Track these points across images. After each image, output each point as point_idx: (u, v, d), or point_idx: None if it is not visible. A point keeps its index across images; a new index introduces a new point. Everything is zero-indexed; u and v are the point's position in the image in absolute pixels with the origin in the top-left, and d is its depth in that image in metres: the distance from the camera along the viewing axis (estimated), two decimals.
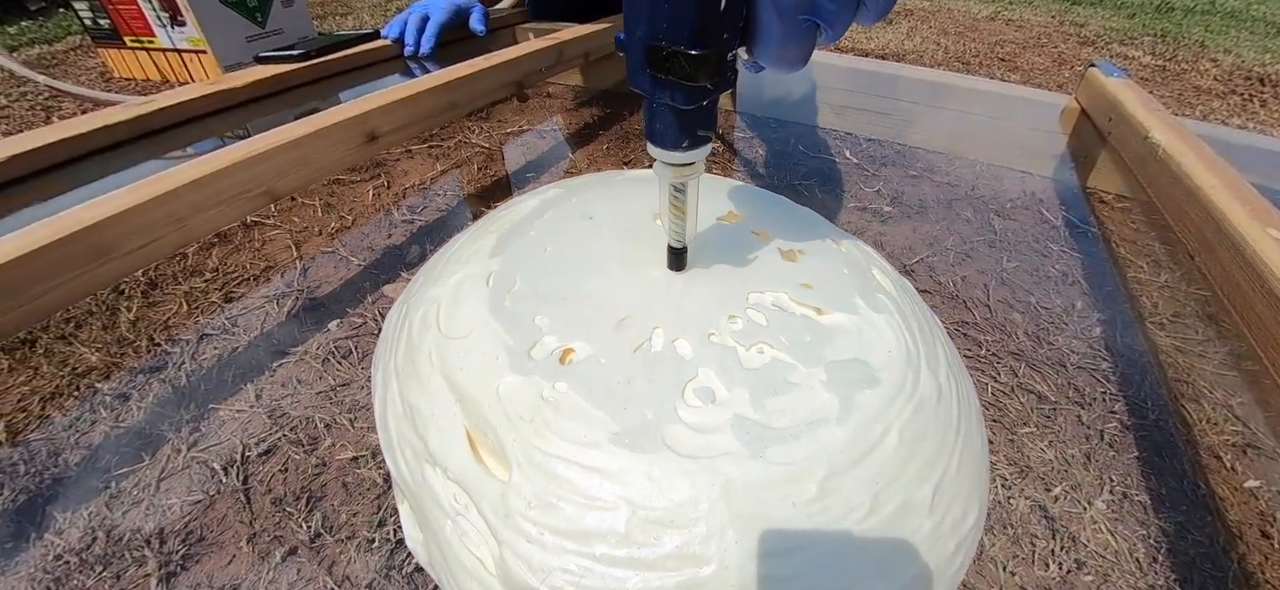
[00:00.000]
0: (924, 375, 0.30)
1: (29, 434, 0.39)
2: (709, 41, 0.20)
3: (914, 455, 0.26)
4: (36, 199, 0.42)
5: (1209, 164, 0.39)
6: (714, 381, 0.27)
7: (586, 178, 0.46)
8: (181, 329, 0.47)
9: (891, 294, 0.35)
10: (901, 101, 0.79)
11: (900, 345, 0.30)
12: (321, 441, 0.37)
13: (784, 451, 0.24)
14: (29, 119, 1.04)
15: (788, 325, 0.30)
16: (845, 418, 0.26)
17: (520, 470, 0.25)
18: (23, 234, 0.28)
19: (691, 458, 0.24)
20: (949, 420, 0.29)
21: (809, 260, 0.35)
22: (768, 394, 0.26)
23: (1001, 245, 0.59)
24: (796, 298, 0.31)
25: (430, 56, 0.72)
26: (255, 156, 0.35)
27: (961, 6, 2.08)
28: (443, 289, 0.34)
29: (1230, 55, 1.70)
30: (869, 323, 0.31)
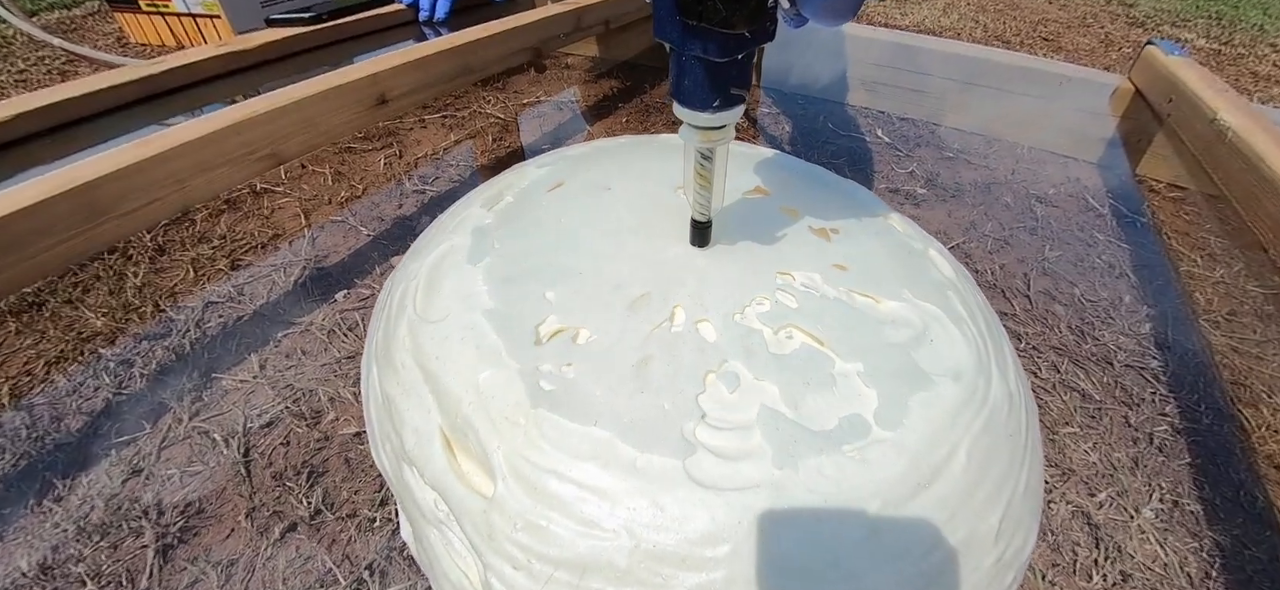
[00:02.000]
0: (995, 380, 0.27)
1: (32, 396, 0.38)
2: None
3: (984, 478, 0.24)
4: (44, 159, 0.42)
5: (1269, 140, 0.36)
6: (740, 368, 0.25)
7: (603, 143, 0.44)
8: (187, 296, 0.46)
9: (952, 282, 0.32)
10: (937, 79, 0.76)
11: (968, 343, 0.28)
12: (325, 415, 0.37)
13: (823, 465, 0.22)
14: (46, 83, 1.04)
15: (822, 310, 0.28)
16: (898, 426, 0.23)
17: (505, 484, 0.22)
18: (19, 189, 0.27)
19: (713, 488, 0.21)
20: (1018, 433, 0.27)
21: (847, 239, 0.33)
22: (802, 387, 0.24)
23: (1043, 233, 0.56)
24: (830, 279, 0.29)
25: (445, 22, 0.70)
26: (259, 116, 0.34)
27: None
28: (422, 263, 0.32)
29: None
30: (923, 313, 0.29)
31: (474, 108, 0.73)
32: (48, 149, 0.42)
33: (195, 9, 1.03)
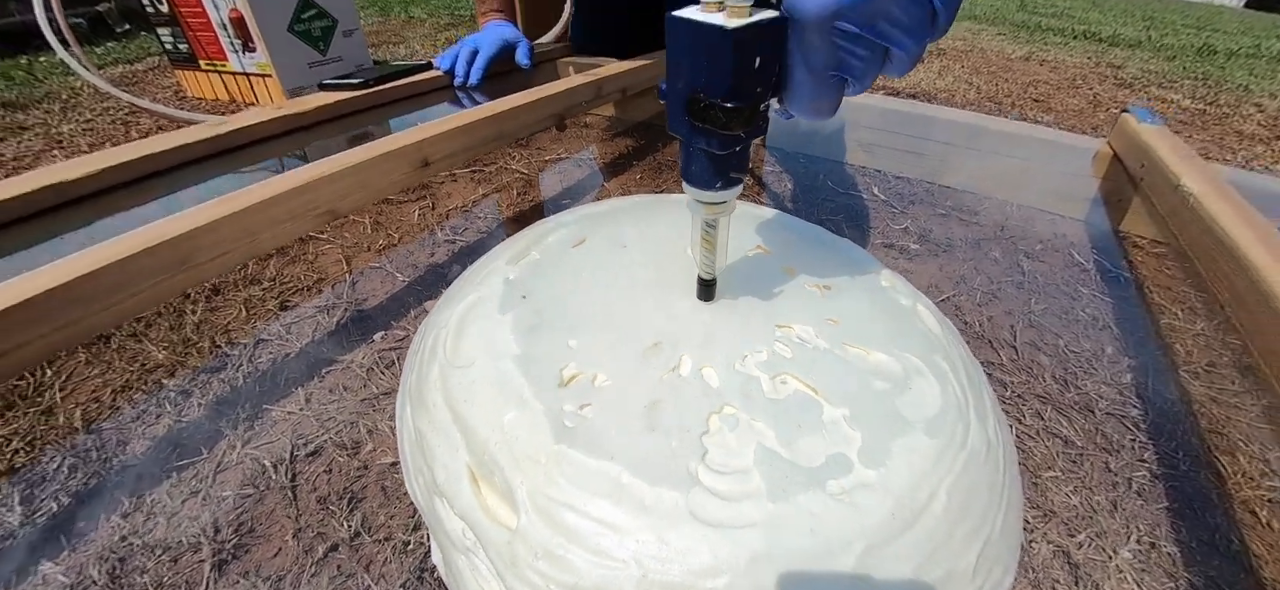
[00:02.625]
0: (974, 427, 0.29)
1: (101, 422, 0.41)
2: (744, 96, 0.22)
3: (962, 519, 0.26)
4: (129, 205, 0.46)
5: (1241, 214, 0.38)
6: (739, 411, 0.27)
7: (621, 202, 0.47)
8: (240, 334, 0.49)
9: (937, 335, 0.35)
10: (931, 141, 0.79)
11: (949, 392, 0.30)
12: (364, 446, 0.39)
13: (812, 503, 0.24)
14: (111, 132, 1.11)
15: (815, 360, 0.30)
16: (879, 466, 0.25)
17: (528, 517, 0.25)
18: (118, 242, 0.31)
19: (714, 524, 0.23)
20: (996, 477, 0.29)
21: (840, 295, 0.36)
22: (794, 430, 0.27)
23: (1030, 287, 0.59)
24: (823, 332, 0.32)
25: (478, 88, 0.76)
26: (321, 179, 0.38)
27: (995, 46, 2.07)
28: (453, 312, 0.35)
29: (1276, 100, 1.65)
30: (907, 364, 0.31)
31: (501, 164, 0.78)
32: (134, 196, 0.47)
33: (249, 68, 1.10)
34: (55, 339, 0.29)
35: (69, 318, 0.29)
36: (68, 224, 0.44)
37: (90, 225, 0.44)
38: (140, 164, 0.45)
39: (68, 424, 0.41)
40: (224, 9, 1.03)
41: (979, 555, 0.26)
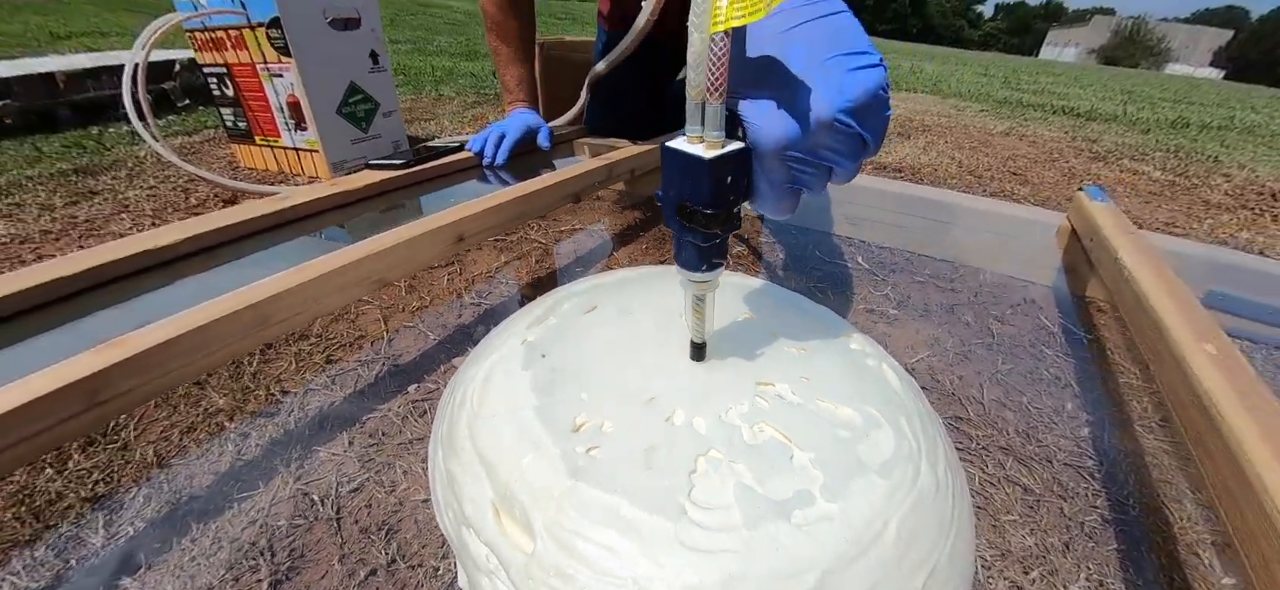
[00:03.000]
0: (924, 470, 0.33)
1: (170, 458, 0.46)
2: (720, 205, 0.27)
3: (910, 549, 0.29)
4: (210, 266, 0.53)
5: (1164, 281, 0.43)
6: (722, 454, 0.32)
7: (627, 273, 0.53)
8: (292, 384, 0.55)
9: (897, 390, 0.39)
10: (912, 215, 0.85)
11: (902, 441, 0.34)
12: (400, 485, 0.44)
13: (780, 531, 0.28)
14: (172, 198, 1.20)
15: (767, 408, 0.35)
16: (840, 502, 0.29)
17: (542, 542, 0.29)
18: (212, 305, 0.37)
19: (698, 549, 0.27)
20: (944, 513, 0.33)
21: (815, 356, 0.40)
22: (768, 470, 0.31)
23: (998, 348, 0.63)
24: (794, 391, 0.37)
25: (504, 167, 0.83)
26: (376, 253, 0.44)
27: (977, 122, 2.16)
28: (480, 369, 0.41)
29: (1244, 170, 1.71)
30: (867, 416, 0.35)
31: (521, 234, 0.85)
32: (215, 259, 0.53)
33: (299, 144, 1.20)
34: (156, 385, 0.34)
35: (170, 368, 0.35)
36: (156, 282, 0.50)
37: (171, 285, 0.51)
38: (222, 232, 0.52)
39: (142, 459, 0.46)
40: (283, 94, 1.13)
41: (925, 582, 0.29)
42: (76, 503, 0.42)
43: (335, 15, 1.14)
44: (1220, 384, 0.33)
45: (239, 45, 1.14)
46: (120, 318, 0.44)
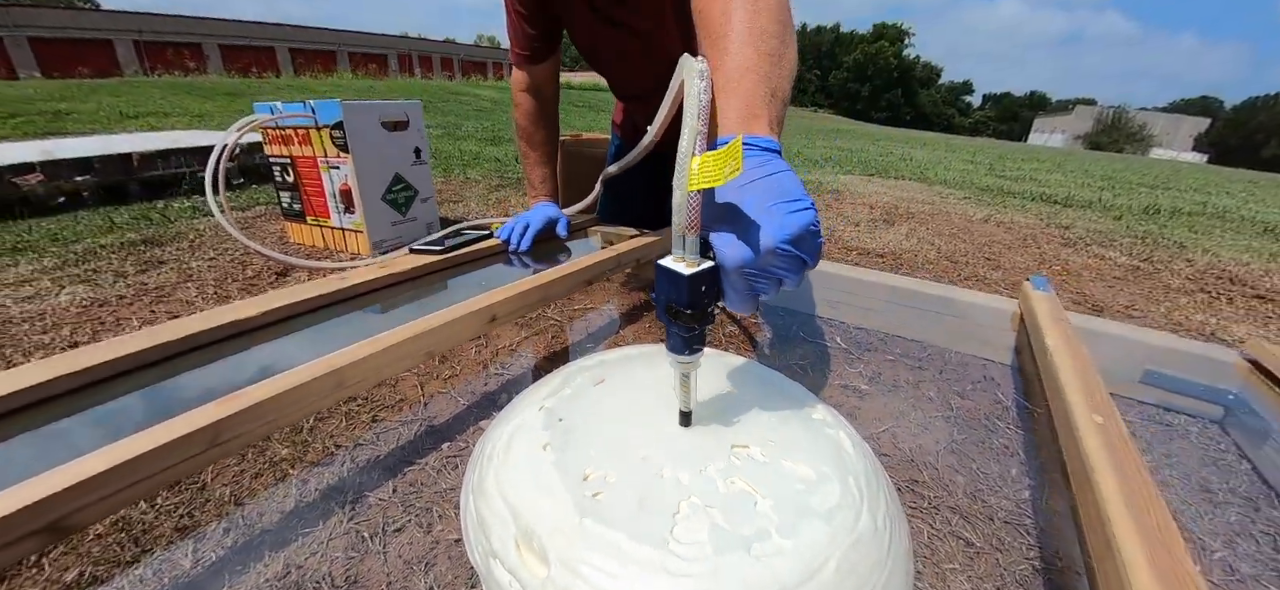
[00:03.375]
0: (865, 517, 0.41)
1: (243, 500, 0.54)
2: (697, 306, 0.36)
3: (848, 578, 0.36)
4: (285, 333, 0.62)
5: (1077, 361, 0.51)
6: (699, 501, 0.39)
7: (630, 350, 0.62)
8: (343, 439, 0.63)
9: (849, 452, 0.47)
10: (884, 302, 0.94)
11: (847, 492, 0.42)
12: (435, 526, 0.51)
13: (742, 561, 0.35)
14: (229, 269, 1.32)
15: (739, 465, 0.42)
16: (792, 540, 0.37)
17: (556, 568, 0.36)
18: (301, 370, 0.46)
19: (679, 574, 0.34)
20: (881, 554, 0.39)
21: (782, 426, 0.48)
22: (736, 512, 0.38)
23: (955, 420, 0.70)
24: (761, 450, 0.44)
25: (526, 253, 0.94)
26: (427, 330, 0.53)
27: (959, 209, 2.29)
28: (506, 429, 0.49)
29: (1207, 255, 1.79)
30: (820, 472, 0.43)
31: (539, 313, 0.94)
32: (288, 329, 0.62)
33: (345, 225, 1.33)
34: (261, 431, 0.43)
35: (271, 418, 0.43)
36: (237, 349, 0.59)
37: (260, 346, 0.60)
38: (298, 305, 0.62)
39: (219, 499, 0.54)
40: (338, 183, 1.27)
41: None
42: (168, 532, 0.49)
43: (388, 119, 1.29)
44: (1097, 447, 0.40)
45: (304, 141, 1.29)
46: (226, 372, 0.53)
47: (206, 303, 1.07)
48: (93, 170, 1.98)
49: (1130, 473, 0.38)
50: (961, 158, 5.98)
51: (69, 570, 0.45)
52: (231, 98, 6.56)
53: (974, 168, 4.66)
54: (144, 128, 4.27)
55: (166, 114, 5.27)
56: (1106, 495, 0.36)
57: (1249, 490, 0.60)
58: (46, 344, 0.89)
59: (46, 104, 5.25)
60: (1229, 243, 2.05)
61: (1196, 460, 0.65)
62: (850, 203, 2.28)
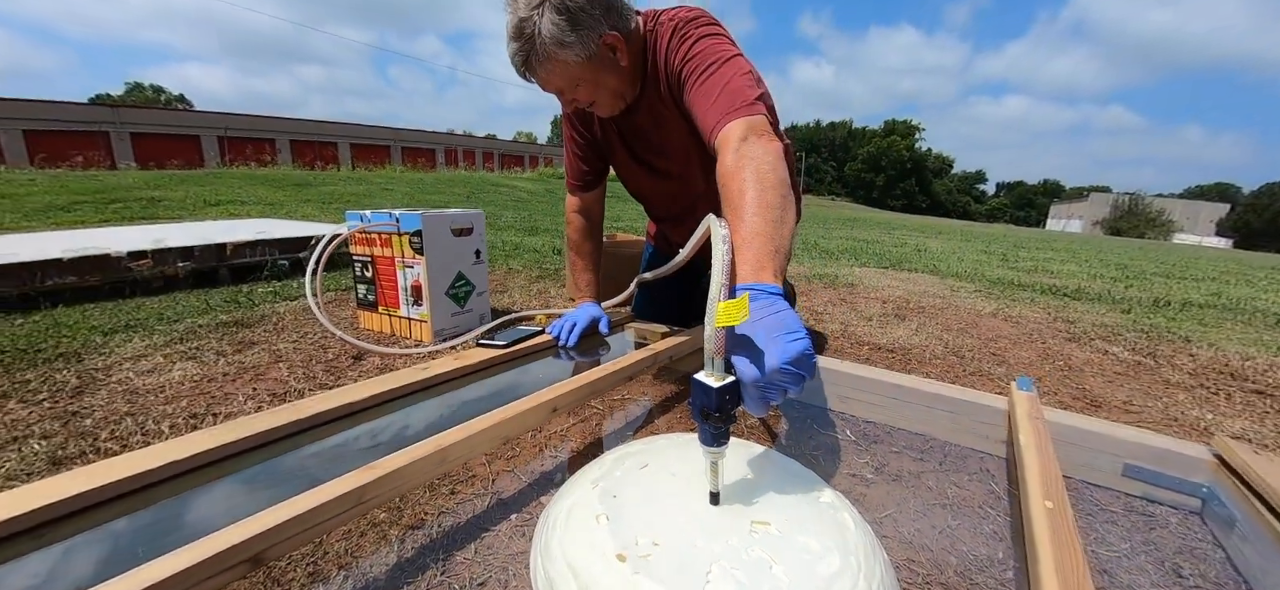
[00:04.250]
0: (861, 582, 0.50)
1: (356, 556, 0.65)
2: (723, 410, 0.49)
3: None
4: (388, 413, 0.75)
5: (1042, 454, 0.60)
6: (726, 565, 0.49)
7: (670, 438, 0.73)
8: (428, 509, 0.74)
9: (851, 529, 0.56)
10: (889, 399, 1.03)
11: (846, 563, 0.51)
12: (511, 583, 0.61)
13: None
14: (312, 352, 1.48)
15: (758, 538, 0.52)
16: None
17: None
18: (407, 452, 0.58)
19: None
20: None
21: (795, 506, 0.58)
22: (756, 575, 0.48)
23: (951, 507, 0.77)
24: (777, 526, 0.54)
25: (573, 348, 1.08)
26: (506, 419, 0.66)
27: (969, 303, 2.37)
28: (565, 503, 0.60)
29: (1212, 349, 1.81)
30: (826, 546, 0.53)
31: (589, 404, 1.07)
32: (379, 414, 0.76)
33: (412, 315, 1.50)
34: (388, 495, 0.55)
35: (397, 486, 0.55)
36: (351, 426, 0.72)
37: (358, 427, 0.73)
38: (392, 392, 0.76)
39: (336, 553, 0.65)
40: (410, 279, 1.45)
41: None
42: (300, 578, 0.61)
43: (456, 227, 1.49)
44: (1042, 528, 0.49)
45: (386, 244, 1.49)
46: (344, 444, 0.66)
47: (297, 381, 1.22)
48: (192, 257, 2.25)
49: (1066, 545, 0.47)
50: (976, 247, 6.07)
51: None
52: (299, 187, 7.17)
53: (988, 258, 4.75)
54: (224, 214, 4.71)
55: (243, 203, 5.78)
56: (1042, 562, 0.45)
57: (1219, 576, 0.66)
58: (170, 413, 1.04)
59: (143, 192, 5.84)
60: (1237, 336, 2.07)
61: (1173, 547, 0.71)
62: (864, 297, 2.39)
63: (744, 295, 0.49)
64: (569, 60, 0.86)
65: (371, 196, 6.97)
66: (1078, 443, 0.84)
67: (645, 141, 1.05)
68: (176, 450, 0.58)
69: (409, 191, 7.92)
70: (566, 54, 0.85)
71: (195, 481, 0.59)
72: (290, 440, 0.68)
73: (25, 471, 0.82)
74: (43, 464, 0.85)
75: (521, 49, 0.86)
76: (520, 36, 0.85)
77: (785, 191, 0.65)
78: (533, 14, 0.83)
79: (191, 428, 0.98)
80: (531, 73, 0.89)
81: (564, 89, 0.93)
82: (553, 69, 0.88)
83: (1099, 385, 1.38)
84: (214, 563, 0.43)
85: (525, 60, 0.87)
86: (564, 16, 0.82)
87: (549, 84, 0.92)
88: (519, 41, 0.86)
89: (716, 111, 0.77)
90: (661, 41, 0.89)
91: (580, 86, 0.92)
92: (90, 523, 0.50)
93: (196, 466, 0.58)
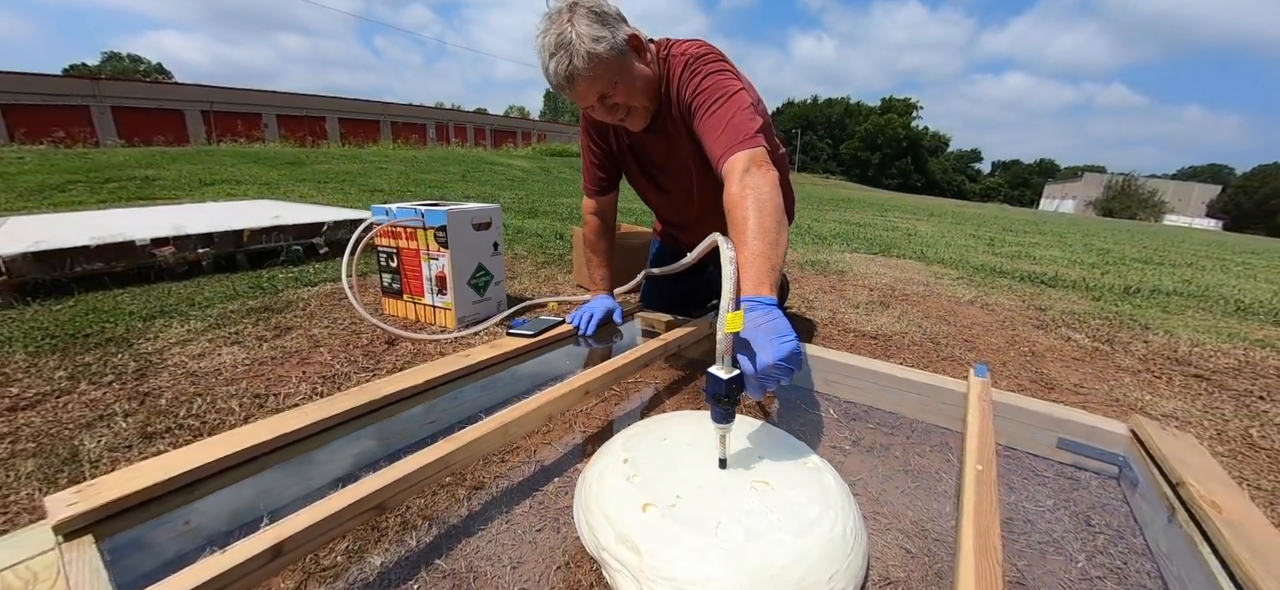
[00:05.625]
0: (836, 527, 0.67)
1: (439, 512, 0.80)
2: (730, 396, 0.65)
3: (826, 563, 0.63)
4: (444, 395, 0.90)
5: (983, 428, 0.77)
6: (733, 514, 0.66)
7: (687, 414, 0.89)
8: (486, 474, 0.90)
9: (831, 486, 0.73)
10: (869, 382, 1.20)
11: (825, 512, 0.68)
12: (563, 528, 0.77)
13: (759, 548, 0.62)
14: (347, 337, 1.62)
15: (759, 492, 0.69)
16: (792, 538, 0.63)
17: (645, 556, 0.63)
18: (468, 431, 0.74)
19: (723, 549, 0.61)
20: (847, 550, 0.66)
21: (787, 470, 0.75)
22: (756, 521, 0.65)
23: (913, 473, 0.95)
24: (773, 485, 0.71)
25: (591, 336, 1.23)
26: (550, 400, 0.81)
27: (950, 291, 2.55)
28: (597, 468, 0.76)
29: (1167, 336, 2.00)
30: (811, 498, 0.69)
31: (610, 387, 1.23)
32: (423, 400, 0.91)
33: (437, 303, 1.64)
34: (470, 461, 0.71)
35: (475, 453, 0.71)
36: (416, 404, 0.88)
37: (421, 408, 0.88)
38: (445, 376, 0.91)
39: (429, 507, 0.80)
40: (435, 271, 1.60)
41: (831, 577, 0.62)
42: (414, 518, 0.76)
43: (477, 221, 1.63)
44: (970, 487, 0.65)
45: (411, 237, 1.62)
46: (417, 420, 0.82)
47: (341, 365, 1.36)
48: (212, 243, 2.36)
49: (986, 497, 0.64)
50: (965, 231, 6.26)
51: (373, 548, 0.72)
52: (293, 166, 7.18)
53: (974, 243, 4.93)
54: (221, 194, 4.77)
55: (238, 182, 5.80)
56: (965, 510, 0.62)
57: (1120, 525, 0.84)
58: (235, 393, 1.18)
59: (135, 170, 5.85)
60: (1194, 323, 2.26)
61: (1088, 504, 0.89)
62: (852, 284, 2.56)
63: (742, 310, 0.65)
64: (606, 55, 0.95)
65: (366, 175, 7.01)
66: (1023, 420, 1.01)
67: (654, 160, 1.19)
68: (302, 418, 0.74)
69: (404, 170, 7.95)
70: (602, 48, 0.94)
71: (319, 442, 0.75)
72: (369, 416, 0.83)
73: (124, 444, 0.97)
74: (135, 437, 0.99)
75: (563, 58, 0.94)
76: (561, 47, 0.94)
77: (780, 217, 0.80)
78: (566, 26, 0.94)
79: (257, 407, 1.12)
80: (574, 81, 0.97)
81: (606, 91, 1.00)
82: (596, 68, 0.95)
83: (1056, 369, 1.57)
84: (351, 510, 0.59)
85: (567, 67, 0.95)
86: (593, 16, 0.93)
87: (593, 87, 0.99)
88: (560, 52, 0.94)
89: (722, 143, 0.92)
90: (675, 73, 1.03)
91: (618, 85, 1.00)
92: (248, 473, 0.66)
93: (313, 433, 0.74)
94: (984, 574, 0.53)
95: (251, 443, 0.69)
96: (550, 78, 0.98)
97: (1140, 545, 0.80)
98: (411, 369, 0.96)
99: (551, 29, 0.94)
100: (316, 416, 0.76)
